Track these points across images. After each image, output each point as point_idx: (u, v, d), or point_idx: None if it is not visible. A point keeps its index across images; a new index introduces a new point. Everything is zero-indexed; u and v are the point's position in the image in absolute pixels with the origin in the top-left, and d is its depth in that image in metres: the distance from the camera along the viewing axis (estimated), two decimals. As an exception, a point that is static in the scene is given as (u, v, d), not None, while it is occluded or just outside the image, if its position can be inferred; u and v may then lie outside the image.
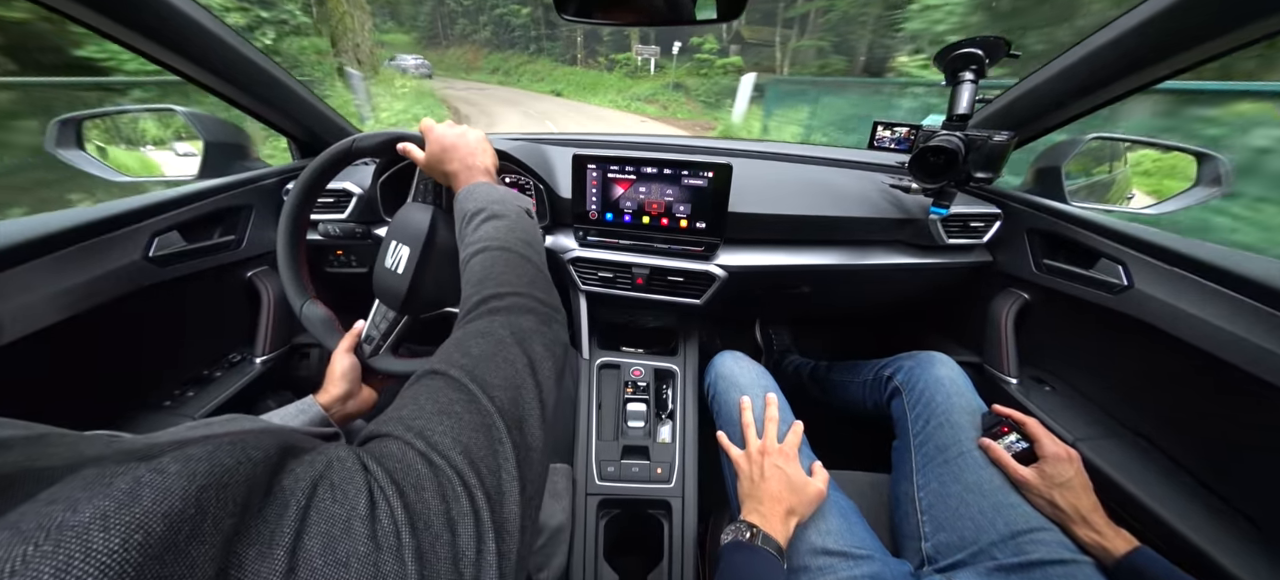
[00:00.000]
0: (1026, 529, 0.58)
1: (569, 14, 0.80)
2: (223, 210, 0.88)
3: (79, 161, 0.87)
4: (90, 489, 0.17)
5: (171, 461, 0.19)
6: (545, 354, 0.39)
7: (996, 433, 0.68)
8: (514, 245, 0.48)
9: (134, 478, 0.18)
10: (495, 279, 0.44)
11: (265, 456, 0.23)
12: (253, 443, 0.23)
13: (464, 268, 0.48)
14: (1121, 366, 0.79)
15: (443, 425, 0.30)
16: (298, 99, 0.94)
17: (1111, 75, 0.75)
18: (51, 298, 0.63)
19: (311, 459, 0.24)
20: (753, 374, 0.83)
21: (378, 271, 0.71)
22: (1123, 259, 0.74)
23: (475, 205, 0.54)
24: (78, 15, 0.62)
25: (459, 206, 0.56)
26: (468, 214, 0.53)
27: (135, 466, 0.19)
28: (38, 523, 0.16)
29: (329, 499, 0.23)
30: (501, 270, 0.45)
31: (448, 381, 0.34)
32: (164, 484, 0.18)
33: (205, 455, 0.21)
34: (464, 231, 0.52)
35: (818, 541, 0.61)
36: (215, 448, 0.21)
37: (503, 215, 0.52)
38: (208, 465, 0.20)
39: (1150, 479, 0.68)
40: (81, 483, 0.18)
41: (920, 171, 0.80)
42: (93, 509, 0.17)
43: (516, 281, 0.44)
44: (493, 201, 0.54)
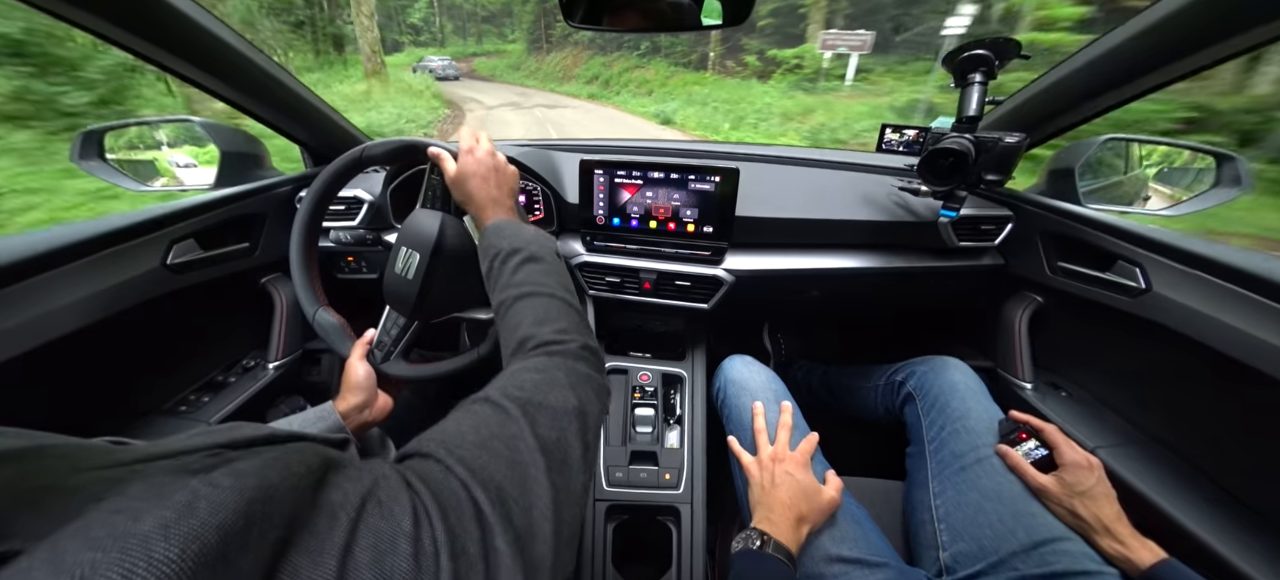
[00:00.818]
0: (1049, 539, 0.56)
1: (575, 21, 0.81)
2: (238, 218, 0.90)
3: (102, 172, 0.89)
4: (150, 499, 0.19)
5: (224, 476, 0.21)
6: (594, 401, 0.41)
7: (1014, 439, 0.66)
8: (560, 292, 0.50)
9: (191, 490, 0.19)
10: (551, 323, 0.46)
11: (308, 470, 0.24)
12: (296, 458, 0.24)
13: (506, 308, 0.49)
14: (1140, 371, 0.77)
15: (484, 457, 0.31)
16: (309, 107, 0.96)
17: (1127, 75, 0.73)
18: (74, 305, 0.65)
19: (357, 474, 0.25)
20: (763, 379, 0.82)
21: (388, 277, 0.72)
22: (1140, 261, 0.73)
23: (510, 244, 0.54)
24: (94, 26, 0.63)
25: (489, 240, 0.56)
26: (502, 252, 0.54)
27: (190, 478, 0.20)
28: (106, 530, 0.17)
29: (376, 514, 0.24)
30: (556, 315, 0.47)
31: (496, 410, 0.35)
32: (217, 497, 0.20)
33: (254, 470, 0.22)
34: (498, 269, 0.53)
35: (832, 549, 0.60)
36: (263, 463, 0.22)
37: (541, 257, 0.54)
38: (257, 480, 0.21)
39: (1174, 488, 0.65)
40: (143, 491, 0.19)
41: (929, 174, 0.80)
42: (154, 519, 0.18)
43: (570, 328, 0.46)
44: (528, 242, 0.55)
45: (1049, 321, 0.91)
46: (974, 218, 0.91)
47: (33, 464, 0.25)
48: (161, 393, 0.84)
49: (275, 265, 0.99)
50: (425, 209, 0.75)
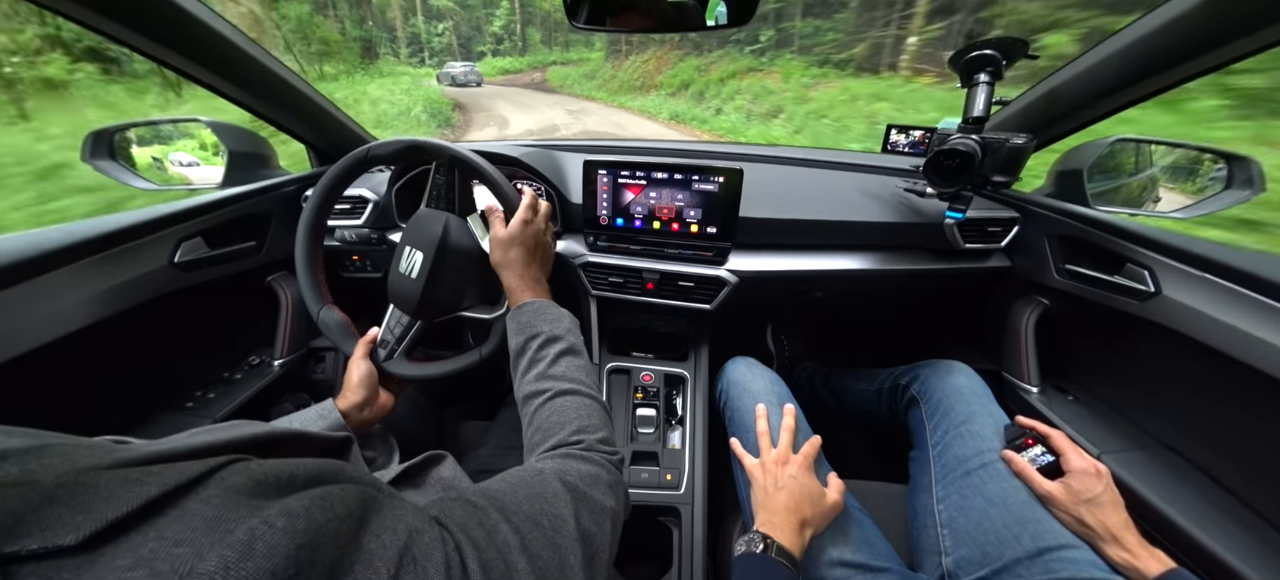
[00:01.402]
0: (1054, 546, 0.55)
1: (579, 22, 0.81)
2: (244, 217, 0.91)
3: (111, 172, 0.90)
4: (212, 534, 0.19)
5: (278, 516, 0.21)
6: (622, 513, 0.45)
7: (1020, 445, 0.65)
8: (598, 395, 0.54)
9: (249, 529, 0.20)
10: (597, 430, 0.49)
11: (349, 513, 0.24)
12: (338, 498, 0.24)
13: (549, 398, 0.51)
14: (1149, 375, 0.76)
15: (531, 531, 0.33)
16: (315, 107, 0.97)
17: (1137, 75, 0.72)
18: (84, 301, 0.65)
19: (394, 522, 0.26)
20: (766, 381, 0.81)
21: (392, 276, 0.72)
22: (1149, 264, 0.72)
23: (549, 328, 0.57)
24: (102, 26, 0.64)
25: (528, 319, 0.58)
26: (542, 335, 0.56)
27: (250, 518, 0.21)
28: (171, 566, 0.18)
29: (411, 573, 0.25)
30: (600, 423, 0.50)
31: (548, 486, 0.38)
32: (272, 540, 0.20)
33: (303, 511, 0.22)
34: (536, 353, 0.55)
35: (835, 552, 0.60)
36: (310, 504, 0.23)
37: (578, 351, 0.56)
38: (305, 522, 0.22)
39: (1182, 495, 0.64)
40: (204, 526, 0.20)
41: (935, 175, 0.79)
42: (217, 558, 0.18)
43: (611, 438, 0.50)
44: (567, 331, 0.57)
45: (1056, 325, 0.90)
46: (980, 219, 0.90)
47: (35, 462, 0.25)
48: (169, 389, 0.85)
49: (281, 264, 1.00)
50: (430, 208, 0.75)
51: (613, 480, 0.44)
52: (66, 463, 0.26)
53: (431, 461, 0.61)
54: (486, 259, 0.73)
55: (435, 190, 0.76)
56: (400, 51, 15.89)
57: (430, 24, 35.00)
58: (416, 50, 33.08)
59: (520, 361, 0.56)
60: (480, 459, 0.76)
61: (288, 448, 0.43)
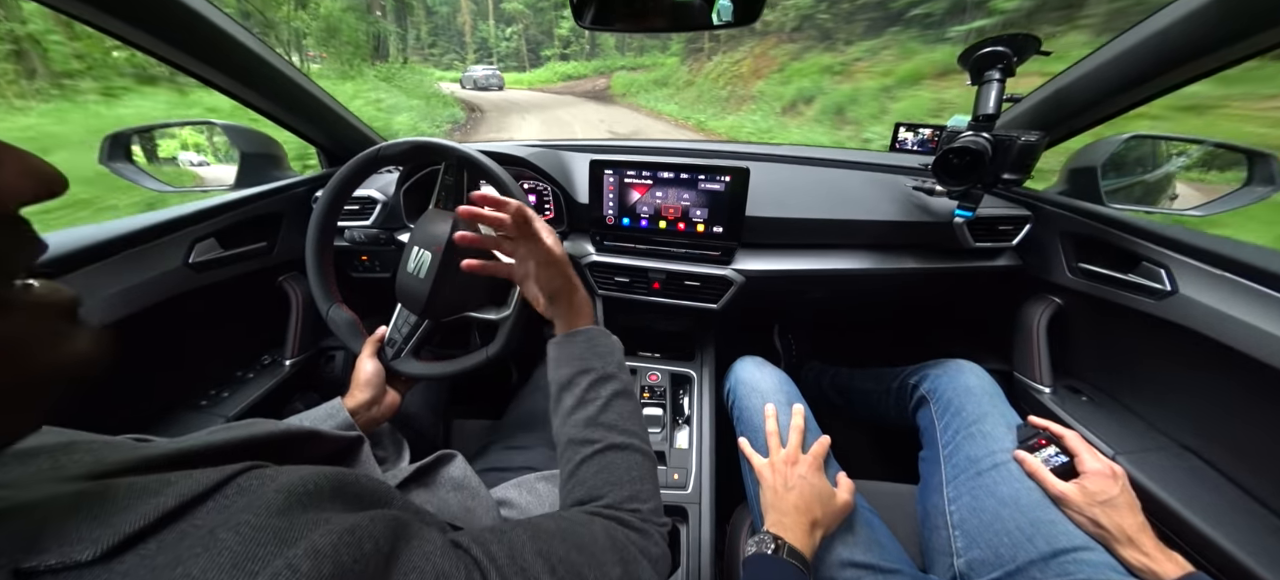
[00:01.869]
0: (1069, 548, 0.54)
1: (585, 22, 0.82)
2: (256, 218, 0.92)
3: (128, 174, 0.92)
4: (237, 574, 0.19)
5: (304, 558, 0.20)
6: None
7: (1033, 445, 0.64)
8: (649, 447, 0.49)
9: (273, 572, 0.19)
10: (650, 498, 0.46)
11: (376, 550, 0.23)
12: (366, 534, 0.24)
13: (605, 450, 0.47)
14: (1166, 375, 0.75)
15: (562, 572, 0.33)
16: (325, 109, 0.98)
17: (1151, 71, 0.71)
18: (102, 301, 0.67)
19: (421, 564, 0.25)
20: (775, 380, 0.81)
21: (400, 276, 0.73)
22: (1165, 262, 0.70)
23: (601, 364, 0.51)
24: (114, 28, 0.65)
25: (575, 350, 0.53)
26: (593, 373, 0.51)
27: (275, 558, 0.20)
28: None
29: None
30: (652, 489, 0.47)
31: (605, 545, 0.37)
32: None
33: (330, 551, 0.21)
34: (583, 390, 0.50)
35: (845, 553, 0.59)
36: (338, 542, 0.22)
37: (630, 392, 0.52)
38: (331, 566, 0.21)
39: (1200, 497, 0.63)
40: (231, 563, 0.19)
41: (943, 174, 0.78)
42: None
43: (660, 506, 0.46)
44: (619, 367, 0.53)
45: (1069, 324, 0.89)
46: (991, 218, 0.89)
47: (65, 457, 0.26)
48: (183, 387, 0.86)
49: (291, 264, 1.01)
50: (438, 209, 0.76)
51: (660, 556, 0.42)
52: (94, 458, 0.27)
53: (442, 461, 0.61)
54: (492, 256, 0.72)
55: (444, 190, 0.76)
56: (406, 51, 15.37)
57: (500, 28, 34.28)
58: (485, 54, 32.22)
59: (565, 396, 0.50)
60: (490, 458, 0.77)
61: (301, 447, 0.43)
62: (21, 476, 0.25)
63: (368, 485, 0.30)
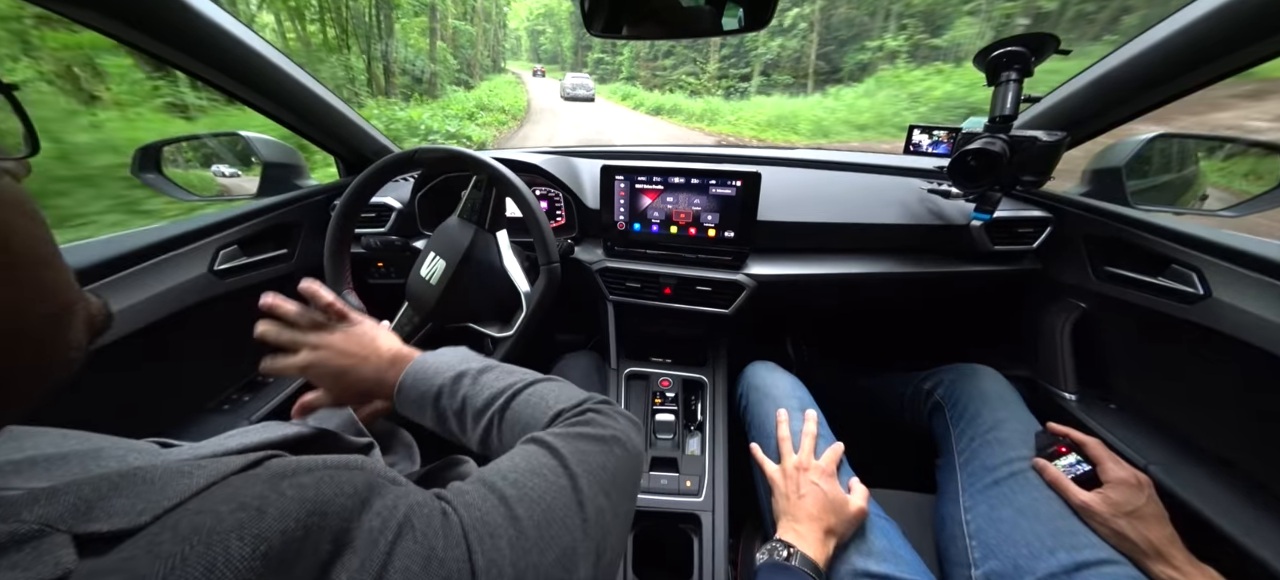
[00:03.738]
0: (1093, 561, 0.53)
1: (597, 31, 0.83)
2: (277, 226, 0.95)
3: (158, 184, 0.96)
4: (230, 503, 0.21)
5: (289, 486, 0.23)
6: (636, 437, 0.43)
7: (1052, 453, 0.63)
8: (535, 377, 0.47)
9: (260, 496, 0.22)
10: (557, 401, 0.44)
11: (355, 491, 0.25)
12: (345, 479, 0.26)
13: (501, 412, 0.44)
14: (1198, 382, 0.72)
15: (528, 510, 0.32)
16: (342, 118, 1.01)
17: (1185, 66, 0.69)
18: (133, 308, 0.69)
19: (394, 502, 0.27)
20: (787, 386, 0.80)
21: (413, 277, 0.75)
22: (1197, 265, 0.68)
23: (439, 378, 0.48)
24: (135, 40, 0.67)
25: (411, 399, 0.49)
26: (443, 389, 0.47)
27: (263, 488, 0.22)
28: (192, 526, 0.20)
29: (410, 539, 0.26)
30: (563, 390, 0.45)
31: (556, 470, 0.35)
32: (283, 505, 0.22)
33: (312, 484, 0.24)
34: (449, 404, 0.47)
35: (860, 563, 0.58)
36: (318, 479, 0.25)
37: (487, 364, 0.49)
38: (314, 493, 0.23)
39: (1238, 509, 0.61)
40: (224, 498, 0.22)
41: (959, 176, 0.77)
42: (233, 519, 0.20)
43: (574, 395, 0.45)
44: (460, 361, 0.49)
45: (1094, 329, 0.86)
46: (1010, 220, 0.87)
47: (93, 463, 0.28)
48: (207, 390, 0.89)
49: (310, 271, 1.04)
50: (461, 220, 0.77)
51: (617, 433, 0.40)
52: (120, 463, 0.29)
53: (452, 464, 0.62)
54: (506, 276, 0.73)
55: (470, 203, 0.77)
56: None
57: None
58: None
59: (447, 424, 0.48)
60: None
61: (315, 449, 0.45)
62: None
63: (368, 466, 0.31)
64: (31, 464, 0.27)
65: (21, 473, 0.27)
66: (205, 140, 1.04)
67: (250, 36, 0.78)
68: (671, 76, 25.70)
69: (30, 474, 0.27)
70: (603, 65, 41.42)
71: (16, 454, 0.28)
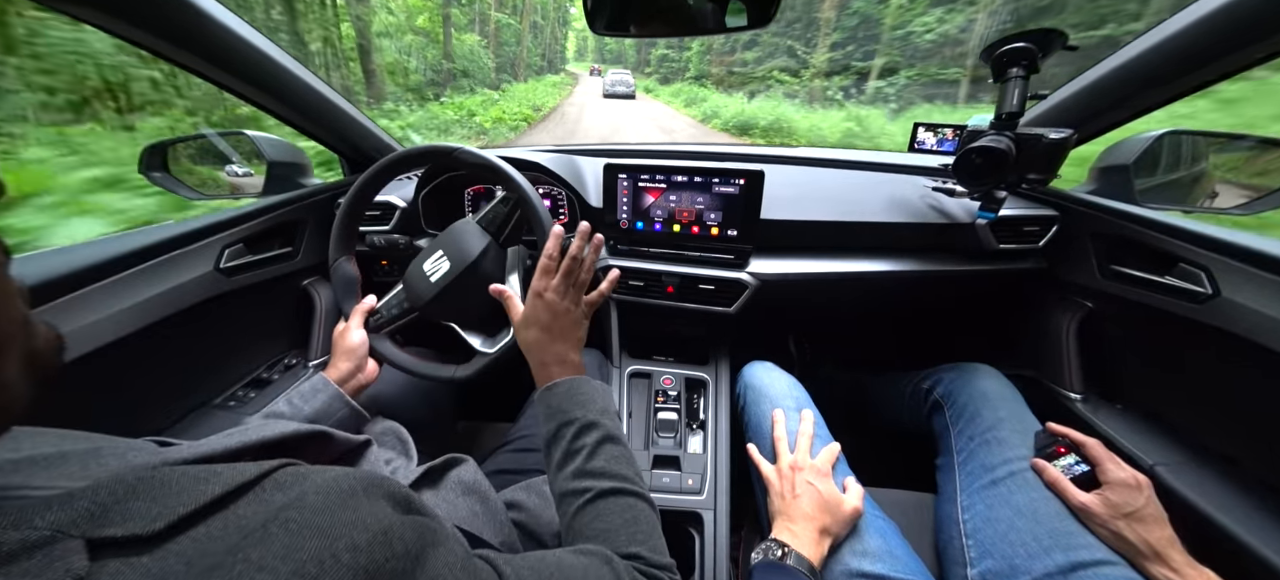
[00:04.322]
0: (1090, 562, 0.53)
1: (601, 29, 0.83)
2: (282, 224, 0.96)
3: (165, 183, 0.97)
4: (288, 563, 0.21)
5: (345, 551, 0.23)
6: None
7: (1051, 453, 0.62)
8: (643, 489, 0.48)
9: (319, 562, 0.22)
10: (650, 543, 0.45)
11: (407, 551, 0.25)
12: (398, 536, 0.25)
13: (594, 497, 0.45)
14: (1206, 382, 0.72)
15: None
16: (347, 118, 1.01)
17: (1188, 65, 0.69)
18: (140, 305, 0.70)
19: (448, 567, 0.27)
20: (784, 385, 0.80)
21: (413, 268, 0.75)
22: (1206, 264, 0.68)
23: (582, 413, 0.51)
24: (139, 38, 0.68)
25: (553, 403, 0.52)
26: (575, 422, 0.50)
27: (321, 550, 0.22)
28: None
29: None
30: (651, 531, 0.46)
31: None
32: (339, 574, 0.22)
33: (366, 547, 0.24)
34: (568, 442, 0.49)
35: (854, 563, 0.59)
36: (372, 540, 0.24)
37: (617, 437, 0.51)
38: (366, 559, 0.23)
39: (1244, 510, 0.60)
40: (281, 552, 0.21)
41: (964, 174, 0.77)
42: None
43: (662, 547, 0.46)
44: (601, 413, 0.52)
45: (1100, 329, 0.86)
46: (1016, 219, 0.87)
47: (93, 463, 0.28)
48: (212, 387, 0.90)
49: (314, 269, 1.05)
50: (479, 226, 0.76)
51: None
52: (122, 462, 0.29)
53: (451, 463, 0.62)
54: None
55: (492, 216, 0.76)
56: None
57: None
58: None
59: (554, 451, 0.51)
60: (500, 460, 0.77)
61: (313, 447, 0.45)
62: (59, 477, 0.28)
63: (391, 488, 0.31)
64: (31, 463, 0.28)
65: (20, 471, 0.27)
66: (211, 139, 1.05)
67: (254, 35, 0.78)
68: (756, 72, 18.51)
69: (29, 473, 0.27)
70: (667, 62, 36.65)
71: (14, 453, 0.29)
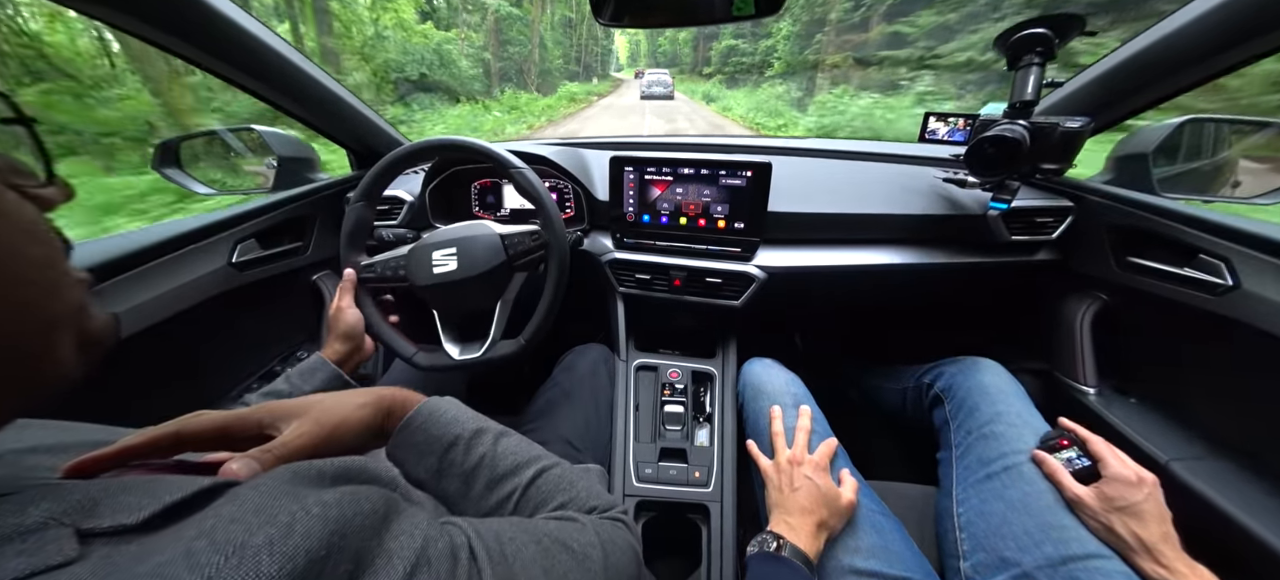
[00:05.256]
0: (1081, 555, 0.53)
1: (605, 19, 0.82)
2: (293, 219, 0.97)
3: (177, 179, 0.98)
4: (261, 516, 0.22)
5: (315, 506, 0.24)
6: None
7: (1054, 446, 0.62)
8: (558, 459, 0.48)
9: (291, 513, 0.23)
10: (587, 495, 0.46)
11: (373, 510, 0.27)
12: (365, 496, 0.27)
13: (509, 503, 0.43)
14: (1225, 376, 0.71)
15: (562, 554, 0.35)
16: (354, 112, 1.02)
17: (1212, 49, 0.67)
18: (157, 299, 0.72)
19: (411, 529, 0.28)
20: (782, 382, 0.81)
21: (422, 248, 0.77)
22: (1226, 255, 0.66)
23: (455, 429, 0.44)
24: (146, 34, 0.70)
25: (416, 442, 0.44)
26: (459, 441, 0.44)
27: (292, 504, 0.23)
28: (227, 538, 0.21)
29: (425, 573, 0.27)
30: (591, 485, 0.47)
31: (584, 525, 0.40)
32: (309, 524, 0.23)
33: (335, 503, 0.25)
34: (463, 464, 0.43)
35: (846, 560, 0.60)
36: (341, 498, 0.26)
37: (504, 430, 0.48)
38: (337, 512, 0.24)
39: (1265, 505, 0.59)
40: (253, 508, 0.23)
41: (977, 164, 0.75)
42: (264, 535, 0.21)
43: (603, 493, 0.48)
44: (475, 418, 0.47)
45: (1116, 321, 0.85)
46: (1028, 210, 0.86)
47: (76, 455, 0.29)
48: (226, 381, 0.92)
49: (324, 263, 1.06)
50: (500, 242, 0.76)
51: (626, 544, 0.44)
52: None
53: None
54: (490, 314, 0.76)
55: (519, 242, 0.76)
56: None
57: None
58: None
59: (446, 484, 0.43)
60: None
61: None
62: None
63: (372, 470, 0.32)
64: (32, 453, 0.30)
65: (24, 461, 0.29)
66: (222, 135, 1.06)
67: (263, 31, 0.79)
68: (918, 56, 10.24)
69: (32, 463, 0.29)
70: (734, 57, 25.14)
71: (18, 444, 0.30)
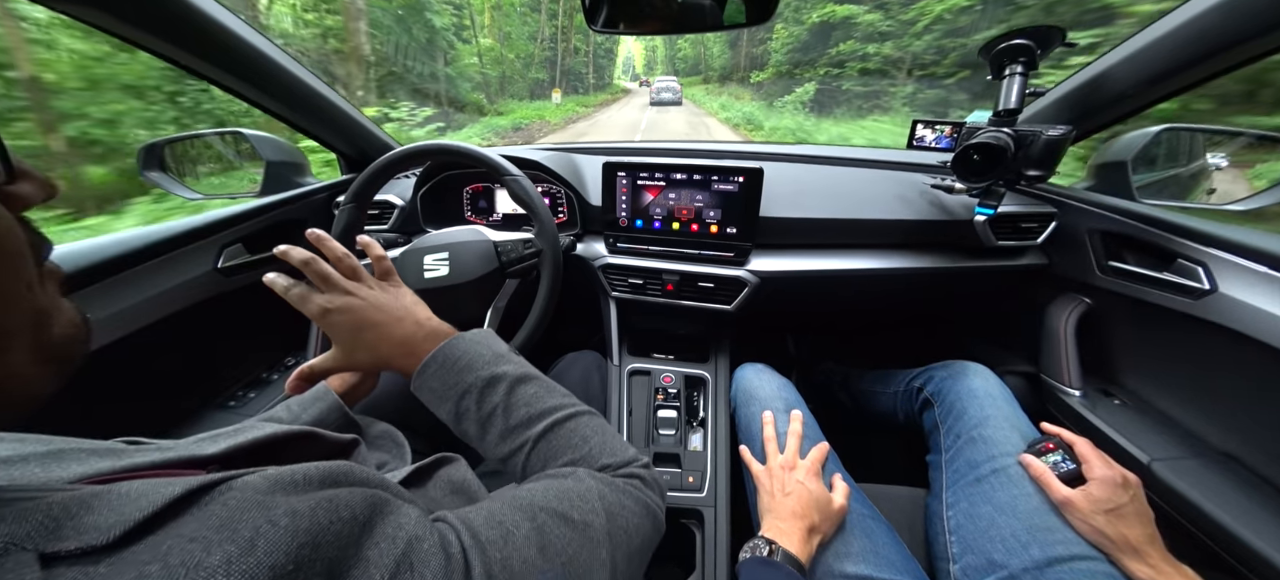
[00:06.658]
0: (1067, 557, 0.55)
1: (598, 26, 0.83)
2: (280, 223, 0.96)
3: (162, 183, 0.97)
4: (222, 532, 0.21)
5: (283, 516, 0.23)
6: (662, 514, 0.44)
7: (1039, 449, 0.64)
8: (575, 406, 0.46)
9: (254, 527, 0.22)
10: (612, 447, 0.44)
11: (353, 516, 0.25)
12: (345, 501, 0.25)
13: (520, 455, 0.43)
14: (1204, 377, 0.73)
15: (559, 528, 0.33)
16: (345, 117, 1.02)
17: (1189, 60, 0.69)
18: (139, 305, 0.71)
19: (394, 532, 0.27)
20: (774, 387, 0.82)
21: (413, 251, 0.77)
22: (1203, 259, 0.69)
23: (475, 374, 0.45)
24: (135, 37, 0.70)
25: (435, 385, 0.46)
26: (473, 389, 0.45)
27: (258, 518, 0.22)
28: (181, 559, 0.20)
29: (408, 577, 0.25)
30: (611, 440, 0.45)
31: (587, 483, 0.38)
32: (274, 537, 0.22)
33: (308, 511, 0.23)
34: (478, 409, 0.44)
35: (836, 565, 0.61)
36: (316, 505, 0.24)
37: (525, 375, 0.47)
38: (308, 522, 0.23)
39: (1244, 506, 0.61)
40: (216, 524, 0.22)
41: (963, 171, 0.77)
42: (222, 553, 0.20)
43: (624, 447, 0.45)
44: (497, 358, 0.47)
45: (1099, 325, 0.87)
46: (1014, 215, 0.88)
47: (55, 465, 0.28)
48: (212, 387, 0.90)
49: None
50: (494, 249, 0.77)
51: (653, 503, 0.42)
52: (83, 466, 0.28)
53: (441, 462, 0.61)
54: (478, 322, 0.75)
55: (512, 250, 0.77)
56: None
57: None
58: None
59: (465, 426, 0.46)
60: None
61: (298, 448, 0.45)
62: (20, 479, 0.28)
63: (359, 474, 0.31)
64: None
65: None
66: (209, 139, 1.04)
67: (253, 34, 0.79)
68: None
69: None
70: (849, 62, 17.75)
71: None
